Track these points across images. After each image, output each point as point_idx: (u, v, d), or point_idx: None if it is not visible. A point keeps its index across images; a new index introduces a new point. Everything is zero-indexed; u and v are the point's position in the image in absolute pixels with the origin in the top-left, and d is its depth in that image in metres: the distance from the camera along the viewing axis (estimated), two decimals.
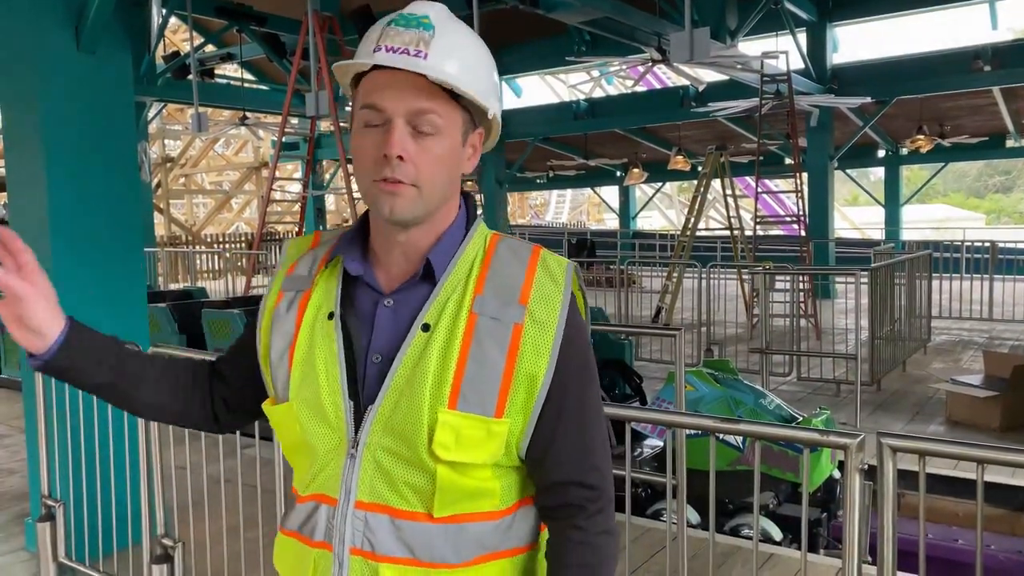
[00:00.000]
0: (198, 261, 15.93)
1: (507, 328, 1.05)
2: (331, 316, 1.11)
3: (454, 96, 1.05)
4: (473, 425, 1.04)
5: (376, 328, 1.09)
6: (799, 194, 11.04)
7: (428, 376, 1.04)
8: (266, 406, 1.18)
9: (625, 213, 22.71)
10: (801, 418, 4.64)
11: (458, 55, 1.05)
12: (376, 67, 1.05)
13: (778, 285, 9.59)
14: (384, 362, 1.07)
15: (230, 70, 14.62)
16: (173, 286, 13.13)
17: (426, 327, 1.06)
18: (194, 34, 10.53)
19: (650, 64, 9.62)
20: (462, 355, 1.04)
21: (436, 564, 1.07)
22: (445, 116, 1.05)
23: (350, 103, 1.14)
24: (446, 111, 1.05)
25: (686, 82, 12.27)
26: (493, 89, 1.11)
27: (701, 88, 12.71)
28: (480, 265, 1.10)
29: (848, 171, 19.64)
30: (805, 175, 12.62)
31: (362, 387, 1.08)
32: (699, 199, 12.07)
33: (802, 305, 9.15)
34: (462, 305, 1.07)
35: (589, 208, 37.04)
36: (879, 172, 20.33)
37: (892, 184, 18.62)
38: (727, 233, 12.87)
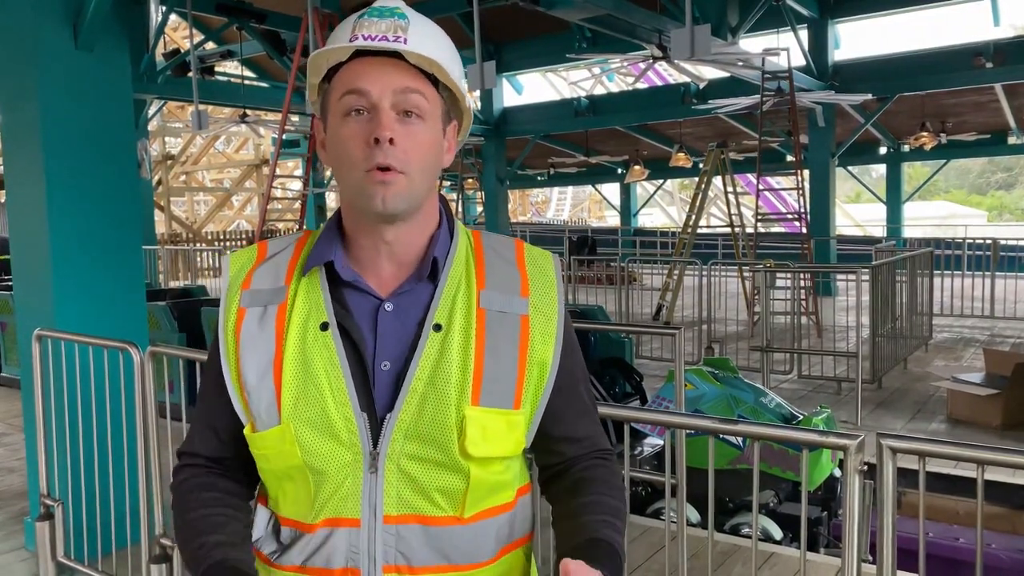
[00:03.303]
0: (198, 259, 15.91)
1: (515, 320, 1.07)
2: (325, 327, 1.05)
3: (433, 83, 1.06)
4: (496, 419, 1.04)
5: (380, 334, 1.05)
6: (800, 191, 11.02)
7: (452, 376, 1.03)
8: (251, 434, 1.08)
9: (626, 210, 22.73)
10: (802, 416, 4.62)
11: (434, 41, 1.06)
12: (354, 57, 1.04)
13: (779, 283, 9.57)
14: (394, 368, 1.04)
15: (230, 67, 14.56)
16: (174, 284, 13.12)
17: (438, 327, 1.05)
18: (194, 31, 10.48)
19: (651, 61, 9.60)
20: (479, 351, 1.04)
21: (470, 565, 1.07)
22: (429, 98, 1.06)
23: (312, 105, 1.11)
24: (430, 93, 1.06)
25: (687, 79, 12.26)
26: (464, 79, 1.12)
27: (702, 85, 12.70)
28: (475, 261, 1.11)
29: (850, 168, 19.63)
30: (806, 172, 12.60)
31: (374, 397, 1.04)
32: (700, 196, 12.07)
33: (803, 303, 9.13)
34: (469, 302, 1.07)
35: (590, 205, 37.04)
36: (881, 169, 20.32)
37: (894, 181, 18.62)
38: (728, 230, 12.87)
